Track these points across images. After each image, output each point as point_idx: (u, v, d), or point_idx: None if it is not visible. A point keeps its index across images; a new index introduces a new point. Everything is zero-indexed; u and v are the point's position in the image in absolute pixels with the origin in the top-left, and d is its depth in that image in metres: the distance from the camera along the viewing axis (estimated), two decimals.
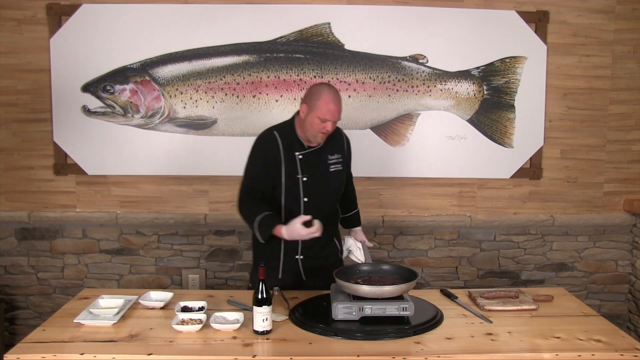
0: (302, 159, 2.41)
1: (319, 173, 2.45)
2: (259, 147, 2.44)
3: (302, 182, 2.41)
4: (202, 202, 3.44)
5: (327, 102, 2.29)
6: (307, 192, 2.43)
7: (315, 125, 2.32)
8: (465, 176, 3.47)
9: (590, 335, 2.03)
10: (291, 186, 2.41)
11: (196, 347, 1.92)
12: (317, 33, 3.32)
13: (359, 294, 2.10)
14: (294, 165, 2.41)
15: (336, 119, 2.33)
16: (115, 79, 3.30)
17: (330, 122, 2.31)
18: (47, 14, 3.28)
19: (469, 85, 3.39)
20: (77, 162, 3.38)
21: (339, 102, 2.32)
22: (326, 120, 2.30)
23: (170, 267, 3.50)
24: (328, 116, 2.29)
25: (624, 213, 3.55)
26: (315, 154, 2.44)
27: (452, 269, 3.56)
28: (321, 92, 2.32)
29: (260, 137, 2.46)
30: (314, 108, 2.31)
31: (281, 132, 2.43)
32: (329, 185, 2.49)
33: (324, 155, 2.46)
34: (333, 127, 2.35)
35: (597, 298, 3.63)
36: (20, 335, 3.38)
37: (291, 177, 2.41)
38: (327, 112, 2.29)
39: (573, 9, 3.38)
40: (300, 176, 2.41)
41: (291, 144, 2.41)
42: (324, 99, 2.29)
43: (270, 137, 2.42)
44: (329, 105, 2.29)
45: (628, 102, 3.48)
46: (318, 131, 2.34)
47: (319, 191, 2.45)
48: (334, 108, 2.30)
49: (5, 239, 3.46)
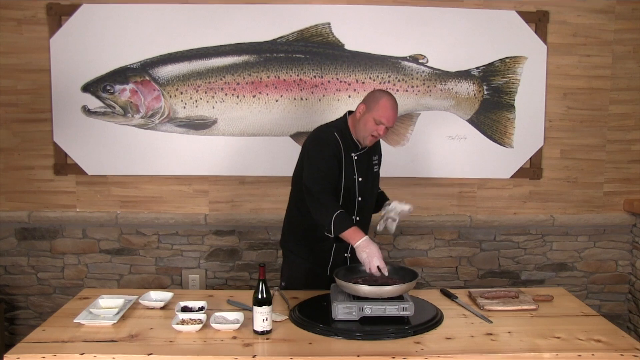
0: (357, 160, 2.47)
1: (369, 174, 2.52)
2: (326, 145, 2.40)
3: (357, 182, 2.47)
4: (202, 202, 3.44)
5: (386, 107, 2.35)
6: (361, 192, 2.49)
7: (369, 126, 2.37)
8: (465, 176, 3.47)
9: (590, 335, 2.03)
10: (349, 186, 2.46)
11: (196, 347, 1.92)
12: (317, 33, 3.32)
13: (359, 294, 2.10)
14: (351, 166, 2.45)
15: (390, 125, 2.38)
16: (115, 79, 3.30)
17: (383, 127, 2.36)
18: (47, 14, 3.28)
19: (469, 85, 3.39)
20: (77, 162, 3.38)
21: (396, 110, 2.39)
22: (381, 123, 2.35)
23: (170, 267, 3.50)
24: (384, 119, 2.35)
25: (624, 213, 3.55)
26: (366, 155, 2.51)
27: (452, 269, 3.56)
28: (382, 96, 2.38)
29: (324, 136, 2.43)
30: (372, 109, 2.36)
31: (340, 134, 2.44)
32: (374, 186, 2.58)
33: (370, 157, 2.54)
34: (384, 132, 2.39)
35: (597, 298, 3.63)
36: (20, 335, 3.38)
37: (349, 178, 2.45)
38: (384, 115, 2.34)
39: (573, 9, 3.38)
40: (356, 177, 2.47)
41: (348, 144, 2.45)
42: (383, 102, 2.36)
43: (333, 137, 2.42)
44: (387, 110, 2.35)
45: (628, 102, 3.48)
46: (370, 132, 2.39)
47: (369, 191, 2.54)
48: (391, 114, 2.36)
49: (5, 239, 3.46)
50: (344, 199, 2.47)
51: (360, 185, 2.48)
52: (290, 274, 2.61)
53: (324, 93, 3.35)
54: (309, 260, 2.55)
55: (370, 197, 2.58)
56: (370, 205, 2.60)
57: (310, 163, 2.40)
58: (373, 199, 2.61)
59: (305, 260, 2.56)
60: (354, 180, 2.46)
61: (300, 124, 3.36)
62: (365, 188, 2.51)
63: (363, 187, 2.49)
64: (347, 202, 2.47)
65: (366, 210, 2.56)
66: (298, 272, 2.58)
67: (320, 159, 2.39)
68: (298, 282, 2.53)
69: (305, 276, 2.55)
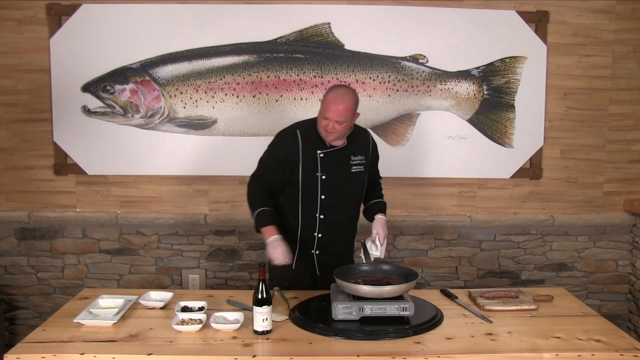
0: (323, 157, 2.44)
1: (340, 172, 2.47)
2: (278, 144, 2.49)
3: (320, 179, 2.44)
4: (202, 202, 3.44)
5: (329, 102, 2.33)
6: (324, 190, 2.46)
7: (320, 121, 2.38)
8: (465, 176, 3.47)
9: (590, 335, 2.03)
10: (310, 183, 2.45)
11: (196, 347, 1.92)
12: (317, 33, 3.32)
13: (359, 294, 2.10)
14: (313, 163, 2.43)
15: (335, 119, 2.32)
16: (115, 79, 3.30)
17: (330, 121, 2.32)
18: (47, 14, 3.28)
19: (469, 85, 3.39)
20: (77, 162, 3.38)
21: (342, 102, 2.31)
22: (327, 117, 2.33)
23: (170, 267, 3.50)
24: (328, 114, 2.32)
25: (624, 213, 3.55)
26: (338, 153, 2.46)
27: (452, 269, 3.56)
28: (329, 92, 2.37)
29: (282, 134, 2.50)
30: (321, 106, 2.37)
31: (303, 130, 2.46)
32: (348, 185, 2.50)
33: (346, 156, 2.48)
34: (334, 127, 2.34)
35: (597, 298, 3.63)
36: (20, 335, 3.38)
37: (310, 175, 2.44)
38: (328, 110, 2.32)
39: (573, 9, 3.38)
40: (319, 174, 2.44)
41: (313, 142, 2.44)
42: (328, 97, 2.34)
43: (291, 135, 2.45)
44: (331, 104, 2.32)
45: (628, 102, 3.48)
46: (322, 128, 2.37)
47: (338, 190, 2.48)
48: (335, 107, 2.31)
49: (5, 239, 3.46)
50: (305, 196, 2.46)
51: (324, 182, 2.44)
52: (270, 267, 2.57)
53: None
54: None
55: (345, 198, 2.50)
56: (346, 207, 2.52)
57: (260, 157, 2.51)
58: (350, 200, 2.53)
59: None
60: (317, 177, 2.43)
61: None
62: (332, 187, 2.45)
63: (327, 185, 2.44)
64: (309, 199, 2.46)
65: (338, 211, 2.48)
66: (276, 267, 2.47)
67: (265, 157, 2.50)
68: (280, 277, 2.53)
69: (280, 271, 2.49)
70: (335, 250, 2.56)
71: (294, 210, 2.50)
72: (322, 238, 2.50)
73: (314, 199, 2.46)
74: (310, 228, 2.50)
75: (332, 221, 2.50)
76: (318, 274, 2.57)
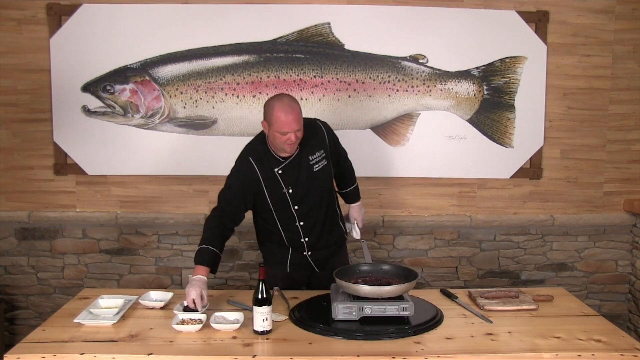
0: (281, 173, 2.40)
1: (304, 179, 2.42)
2: (235, 177, 2.42)
3: (288, 194, 2.42)
4: (202, 202, 3.44)
5: (281, 115, 2.23)
6: (295, 201, 2.44)
7: (278, 139, 2.29)
8: (465, 176, 3.47)
9: (590, 335, 2.03)
10: (279, 200, 2.42)
11: (196, 347, 1.92)
12: (317, 33, 3.32)
13: (359, 294, 2.10)
14: (276, 181, 2.40)
15: (295, 129, 2.25)
16: (115, 79, 3.30)
17: (291, 133, 2.25)
18: (47, 14, 3.28)
19: (469, 85, 3.39)
20: (77, 162, 3.38)
21: (293, 111, 2.25)
22: (285, 132, 2.25)
23: (170, 267, 3.50)
24: (286, 128, 2.24)
25: (624, 213, 3.55)
26: (295, 163, 2.41)
27: (452, 269, 3.56)
28: (274, 106, 2.27)
29: (236, 167, 2.44)
30: (272, 123, 2.27)
31: (254, 155, 2.41)
32: (316, 187, 2.46)
33: (304, 160, 2.42)
34: (297, 136, 2.29)
35: (597, 298, 3.62)
36: (20, 335, 3.38)
37: (276, 193, 2.41)
38: (284, 125, 2.24)
39: (573, 9, 3.38)
40: (285, 190, 2.41)
41: (267, 162, 2.39)
42: (277, 112, 2.24)
43: (245, 164, 2.41)
44: (284, 117, 2.23)
45: (628, 102, 3.48)
46: (283, 143, 2.29)
47: (308, 196, 2.45)
48: (290, 118, 2.23)
49: (5, 239, 3.46)
50: (279, 212, 2.45)
51: (293, 195, 2.42)
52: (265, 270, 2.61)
53: (324, 93, 3.35)
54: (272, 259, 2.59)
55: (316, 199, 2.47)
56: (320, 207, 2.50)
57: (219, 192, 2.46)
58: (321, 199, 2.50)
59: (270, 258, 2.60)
60: (284, 194, 2.41)
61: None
62: (301, 195, 2.43)
63: (296, 196, 2.42)
64: (284, 213, 2.45)
65: (314, 214, 2.48)
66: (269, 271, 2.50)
67: (226, 188, 2.44)
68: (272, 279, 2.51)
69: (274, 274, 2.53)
70: (326, 244, 2.57)
71: (274, 227, 2.50)
72: (310, 240, 2.51)
73: (289, 212, 2.45)
74: (296, 236, 2.51)
75: (313, 222, 2.50)
76: (317, 270, 2.58)
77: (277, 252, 2.57)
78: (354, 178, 2.73)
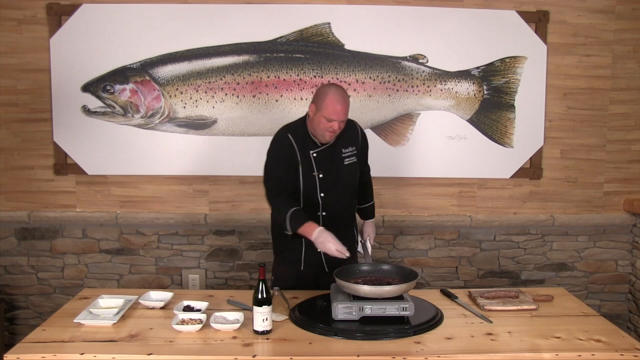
0: (316, 157, 2.48)
1: (334, 168, 2.51)
2: (278, 150, 2.50)
3: (318, 178, 2.48)
4: (202, 202, 3.44)
5: (332, 103, 2.34)
6: (323, 188, 2.50)
7: (322, 124, 2.38)
8: (465, 176, 3.47)
9: (590, 335, 2.03)
10: (309, 183, 2.48)
11: (196, 347, 1.92)
12: (317, 33, 3.32)
13: (359, 294, 2.10)
14: (309, 164, 2.47)
15: (341, 119, 2.37)
16: (115, 79, 3.30)
17: (336, 122, 2.37)
18: (47, 14, 3.28)
19: (469, 85, 3.39)
20: (77, 162, 3.38)
21: (344, 102, 2.37)
22: (332, 120, 2.36)
23: (170, 267, 3.50)
24: (334, 116, 2.35)
25: (624, 213, 3.55)
26: (329, 150, 2.50)
27: (452, 269, 3.56)
28: (328, 93, 2.37)
29: (277, 140, 2.52)
30: (321, 108, 2.37)
31: (294, 133, 2.49)
32: (344, 179, 2.55)
33: (337, 150, 2.52)
34: (340, 127, 2.40)
35: (597, 298, 3.63)
36: (20, 335, 3.38)
37: (308, 175, 2.48)
38: (333, 112, 2.35)
39: (573, 9, 3.38)
40: (316, 173, 2.48)
41: (305, 143, 2.48)
42: (330, 99, 2.35)
43: (285, 139, 2.48)
44: (334, 105, 2.34)
45: (628, 102, 3.48)
46: (325, 130, 2.39)
47: (335, 186, 2.52)
48: (340, 108, 2.35)
49: (5, 239, 3.46)
50: (306, 196, 2.49)
51: (322, 181, 2.48)
52: (276, 269, 2.68)
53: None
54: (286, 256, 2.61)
55: (341, 192, 2.55)
56: (344, 200, 2.57)
57: (264, 167, 2.52)
58: (346, 193, 2.58)
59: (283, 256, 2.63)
60: (314, 177, 2.48)
61: None
62: (329, 183, 2.50)
63: (325, 183, 2.49)
64: (310, 199, 2.50)
65: (337, 206, 2.54)
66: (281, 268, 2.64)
67: (272, 163, 2.50)
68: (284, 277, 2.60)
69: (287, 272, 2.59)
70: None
71: None
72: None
73: (314, 198, 2.50)
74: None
75: (333, 217, 2.54)
76: (326, 270, 2.58)
77: (291, 247, 2.56)
78: (372, 195, 2.82)
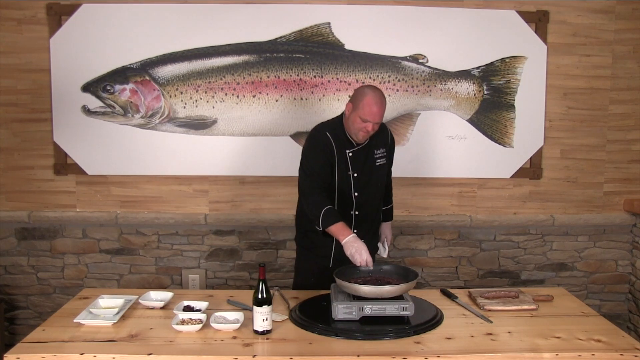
0: (352, 156, 2.52)
1: (367, 168, 2.56)
2: (317, 145, 2.52)
3: (352, 178, 2.52)
4: (202, 202, 3.44)
5: (369, 104, 2.38)
6: (357, 187, 2.54)
7: (357, 124, 2.42)
8: (465, 176, 3.47)
9: (590, 335, 2.03)
10: (343, 182, 2.52)
11: (196, 347, 1.92)
12: (317, 33, 3.32)
13: (359, 294, 2.10)
14: (345, 163, 2.51)
15: (376, 121, 2.41)
16: (115, 79, 3.30)
17: (370, 123, 2.40)
18: (47, 14, 3.28)
19: (469, 85, 3.39)
20: (77, 162, 3.38)
21: (381, 104, 2.41)
22: (367, 120, 2.39)
23: (170, 267, 3.50)
24: (369, 117, 2.39)
25: (624, 213, 3.55)
26: (364, 151, 2.55)
27: (452, 269, 3.56)
28: (366, 94, 2.41)
29: (315, 136, 2.55)
30: (358, 108, 2.41)
31: (332, 132, 2.53)
32: (376, 180, 2.60)
33: (371, 151, 2.58)
34: (374, 128, 2.43)
35: (597, 298, 3.63)
36: (20, 335, 3.38)
37: (343, 174, 2.52)
38: (369, 114, 2.38)
39: (573, 9, 3.38)
40: (350, 173, 2.52)
41: (342, 142, 2.52)
42: (367, 100, 2.39)
43: (323, 136, 2.51)
44: (371, 107, 2.38)
45: (628, 102, 3.48)
46: (359, 130, 2.43)
47: (368, 186, 2.57)
48: (376, 110, 2.38)
49: (5, 239, 3.46)
50: (340, 195, 2.53)
51: (356, 180, 2.53)
52: (299, 265, 2.73)
53: (324, 93, 3.35)
54: (313, 252, 2.64)
55: (373, 191, 2.61)
56: (374, 200, 2.64)
57: (302, 163, 2.55)
58: (377, 193, 2.65)
59: (310, 252, 2.65)
60: (349, 176, 2.52)
61: (300, 124, 3.36)
62: (362, 183, 2.55)
63: (359, 182, 2.54)
64: (343, 197, 2.54)
65: (369, 206, 2.60)
66: (306, 265, 2.67)
67: (310, 159, 2.52)
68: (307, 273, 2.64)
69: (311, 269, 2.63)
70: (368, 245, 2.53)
71: None
72: (359, 233, 2.51)
73: (349, 197, 2.54)
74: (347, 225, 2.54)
75: (365, 216, 2.59)
76: None
77: (321, 244, 2.58)
78: (392, 197, 2.90)
